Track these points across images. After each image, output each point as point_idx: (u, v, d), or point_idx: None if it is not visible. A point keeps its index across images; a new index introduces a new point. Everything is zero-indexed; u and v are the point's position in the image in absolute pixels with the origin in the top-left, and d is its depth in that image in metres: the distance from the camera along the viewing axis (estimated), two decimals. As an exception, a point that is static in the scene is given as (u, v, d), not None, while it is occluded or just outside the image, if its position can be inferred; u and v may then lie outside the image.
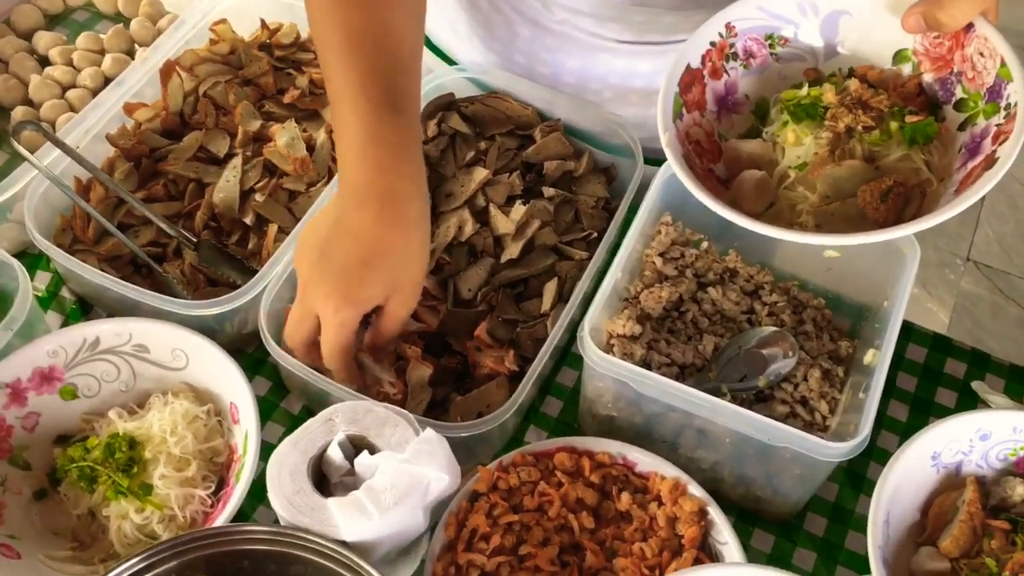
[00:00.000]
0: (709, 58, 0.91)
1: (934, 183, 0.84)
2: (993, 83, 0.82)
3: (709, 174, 0.90)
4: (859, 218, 0.84)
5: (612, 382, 0.92)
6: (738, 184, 0.90)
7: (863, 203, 0.83)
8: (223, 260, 1.05)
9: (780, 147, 0.90)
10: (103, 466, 0.91)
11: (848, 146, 0.87)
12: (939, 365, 1.08)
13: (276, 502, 0.81)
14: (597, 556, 0.87)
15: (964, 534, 0.82)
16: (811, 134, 0.87)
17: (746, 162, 0.90)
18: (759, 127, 0.94)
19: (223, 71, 1.19)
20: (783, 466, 0.91)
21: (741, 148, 0.91)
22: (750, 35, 0.92)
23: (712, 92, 0.93)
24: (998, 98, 0.81)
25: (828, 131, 0.87)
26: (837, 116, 0.86)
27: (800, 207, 0.87)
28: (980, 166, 0.79)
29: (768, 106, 0.94)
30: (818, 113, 0.88)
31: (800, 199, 0.87)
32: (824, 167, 0.86)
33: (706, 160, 0.91)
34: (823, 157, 0.86)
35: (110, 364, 0.98)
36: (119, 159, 1.12)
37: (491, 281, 1.06)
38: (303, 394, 1.04)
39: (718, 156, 0.92)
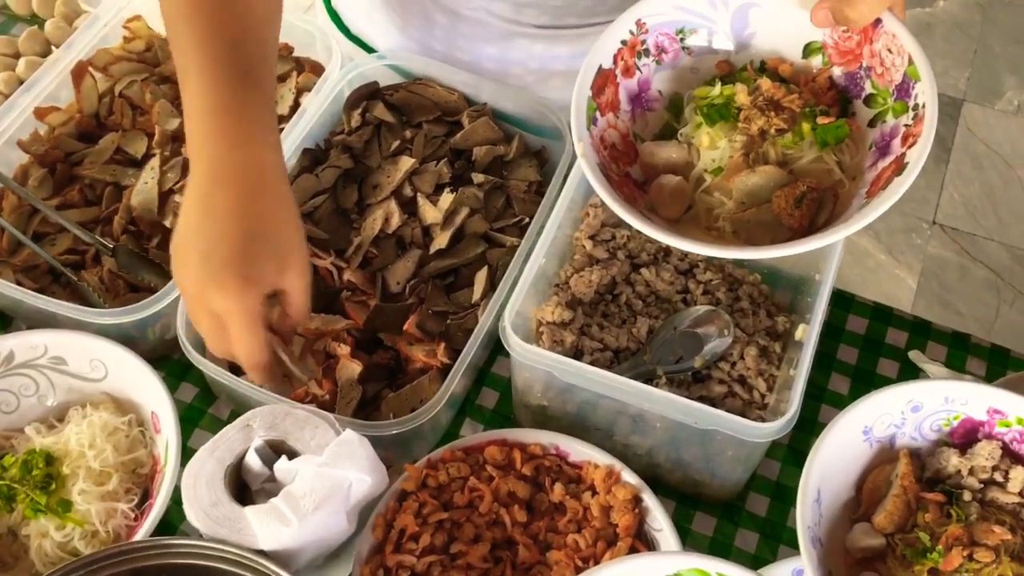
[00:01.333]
0: (621, 57, 0.89)
1: (846, 184, 0.84)
2: (901, 81, 0.81)
3: (626, 179, 0.88)
4: (775, 224, 0.83)
5: (541, 372, 0.90)
6: (655, 190, 0.88)
7: (778, 209, 0.83)
8: (142, 265, 1.02)
9: (695, 149, 0.88)
10: (20, 484, 0.88)
11: (762, 150, 0.86)
12: (880, 335, 1.06)
13: (192, 514, 0.79)
14: (530, 550, 0.85)
15: (898, 508, 0.80)
16: (725, 137, 0.86)
17: (662, 167, 0.89)
18: (674, 124, 0.92)
19: (139, 69, 1.15)
20: (718, 448, 0.89)
21: (657, 152, 0.90)
22: (661, 30, 0.90)
23: (625, 91, 0.91)
24: (906, 96, 0.81)
25: (742, 134, 0.86)
26: (750, 118, 0.85)
27: (717, 212, 0.86)
28: (890, 168, 0.78)
29: (682, 102, 0.93)
30: (731, 114, 0.86)
31: (717, 204, 0.87)
32: (739, 174, 0.85)
33: (622, 164, 0.89)
34: (738, 162, 0.85)
35: (27, 378, 0.95)
36: (33, 165, 1.09)
37: (420, 273, 1.03)
38: (231, 399, 1.01)
39: (634, 158, 0.90)
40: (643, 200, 0.86)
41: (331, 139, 1.12)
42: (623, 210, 0.79)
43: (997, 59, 2.91)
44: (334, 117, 1.14)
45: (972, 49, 2.94)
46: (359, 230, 1.06)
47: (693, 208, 0.86)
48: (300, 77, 1.17)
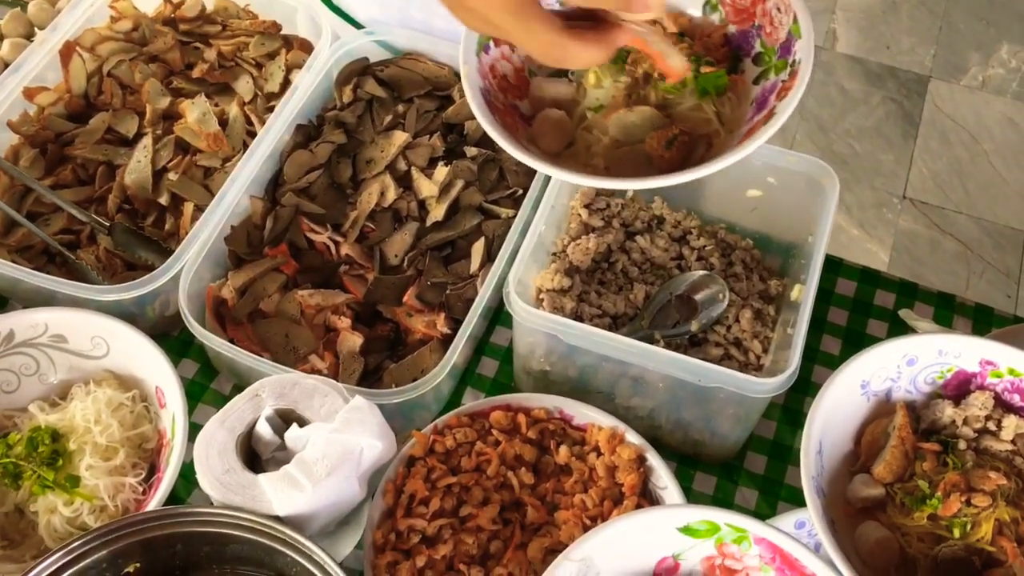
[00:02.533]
0: None
1: (722, 134, 0.85)
2: (785, 39, 0.83)
3: (512, 110, 0.89)
4: (646, 163, 0.84)
5: (543, 336, 0.91)
6: (538, 122, 0.89)
7: (649, 149, 0.84)
8: (138, 243, 1.02)
9: (583, 88, 0.89)
10: (27, 461, 0.88)
11: (643, 92, 0.86)
12: (869, 297, 1.08)
13: (205, 483, 0.80)
14: (538, 511, 0.87)
15: (896, 459, 0.82)
16: (611, 77, 0.87)
17: (549, 102, 0.89)
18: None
19: (127, 49, 1.15)
20: (718, 408, 0.91)
21: (545, 88, 0.90)
22: None
23: None
24: (787, 54, 0.82)
25: (628, 76, 0.86)
26: (637, 61, 0.86)
27: (594, 149, 0.87)
28: (761, 120, 0.80)
29: None
30: (621, 57, 0.87)
31: (595, 141, 0.87)
32: (617, 111, 0.86)
33: (511, 95, 0.89)
34: (618, 101, 0.86)
35: (28, 357, 0.95)
36: (23, 146, 1.08)
37: (417, 245, 1.04)
38: (232, 373, 1.01)
39: (525, 92, 0.91)
40: (525, 132, 0.87)
41: (324, 115, 1.12)
42: (498, 134, 0.79)
43: (961, 36, 2.96)
44: (326, 93, 1.14)
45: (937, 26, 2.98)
46: (355, 204, 1.06)
47: (574, 145, 0.87)
48: (289, 54, 1.17)
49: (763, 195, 1.02)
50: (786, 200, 1.01)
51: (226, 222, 1.01)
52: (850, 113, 2.78)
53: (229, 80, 1.15)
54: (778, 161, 0.99)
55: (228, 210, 1.01)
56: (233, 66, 1.16)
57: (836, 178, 0.96)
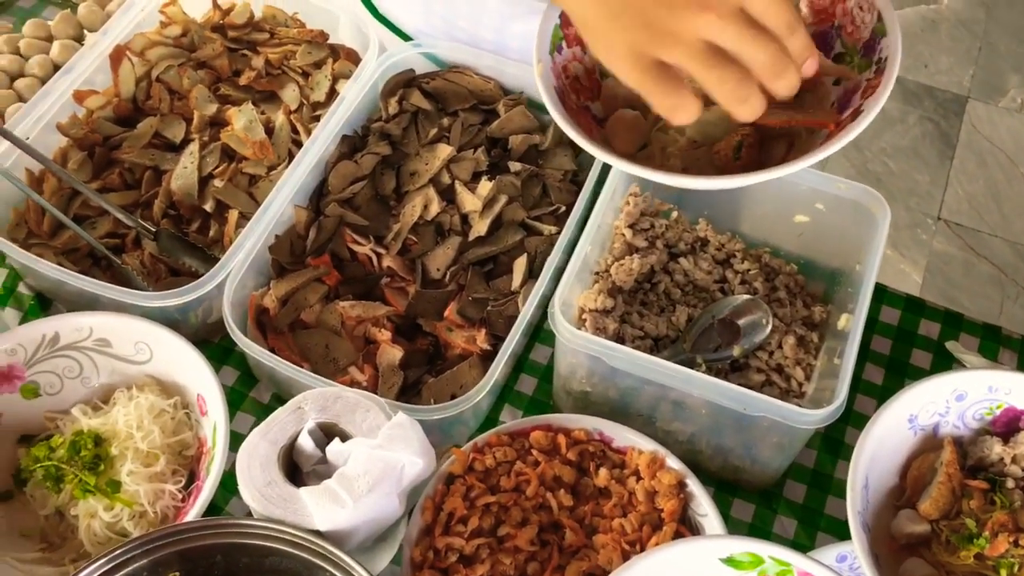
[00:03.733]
0: None
1: (803, 134, 0.83)
2: (869, 37, 0.82)
3: (584, 111, 0.88)
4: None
5: (585, 357, 0.91)
6: (612, 123, 0.88)
7: (721, 160, 0.83)
8: (183, 249, 1.02)
9: None
10: (69, 465, 0.89)
11: None
12: (913, 326, 1.07)
13: (247, 494, 0.80)
14: (577, 534, 0.86)
15: (943, 495, 0.81)
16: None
17: (622, 101, 0.88)
18: None
19: (175, 54, 1.15)
20: (761, 435, 0.90)
21: (619, 88, 0.87)
22: None
23: None
24: (872, 53, 0.81)
25: None
26: None
27: (670, 149, 0.86)
28: (848, 119, 0.78)
29: None
30: None
31: (671, 142, 0.86)
32: None
33: (583, 97, 0.89)
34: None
35: (71, 360, 0.96)
36: (72, 149, 1.09)
37: (460, 260, 1.04)
38: (272, 383, 1.02)
39: (596, 94, 0.90)
40: (599, 134, 0.86)
41: (369, 126, 1.12)
42: (573, 130, 0.79)
43: (1001, 57, 2.93)
44: (371, 104, 1.14)
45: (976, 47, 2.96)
46: (398, 217, 1.06)
47: (648, 147, 0.86)
48: (336, 64, 1.17)
49: (810, 221, 1.01)
50: (833, 227, 1.00)
51: (271, 231, 1.01)
52: (886, 132, 2.75)
53: (276, 88, 1.15)
54: (827, 188, 0.98)
55: (273, 219, 1.01)
56: (280, 74, 1.17)
57: (887, 207, 0.95)
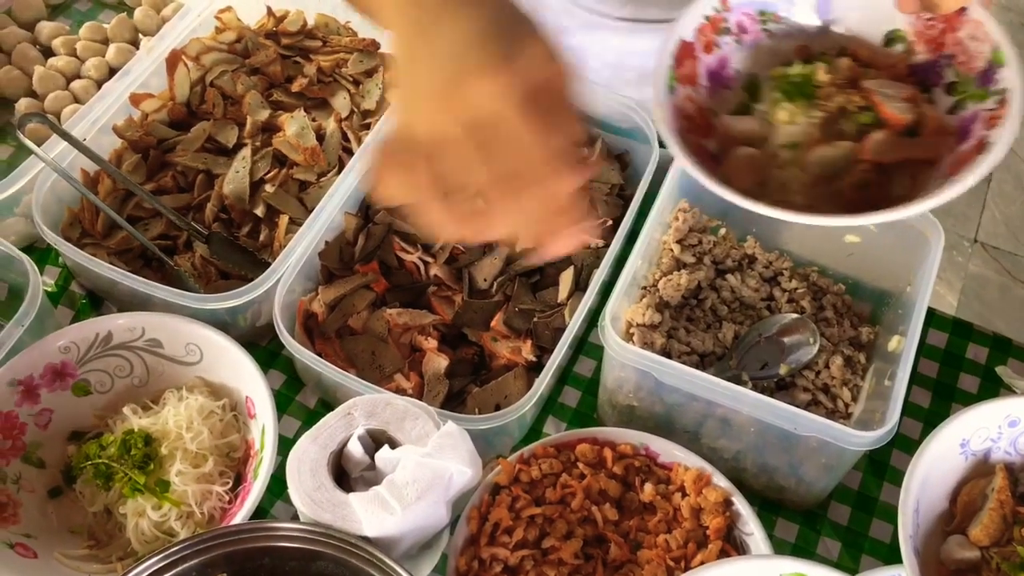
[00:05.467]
0: (703, 32, 0.90)
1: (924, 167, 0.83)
2: (985, 67, 0.81)
3: (701, 150, 0.88)
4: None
5: (633, 372, 0.91)
6: (730, 161, 0.88)
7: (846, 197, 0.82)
8: (235, 252, 1.03)
9: (771, 124, 0.88)
10: (119, 463, 0.89)
11: (840, 126, 0.84)
12: (960, 350, 1.06)
13: (297, 498, 0.80)
14: (621, 548, 0.86)
15: (994, 522, 0.80)
16: (804, 113, 0.86)
17: (739, 139, 0.88)
18: (749, 103, 0.92)
19: (230, 60, 1.17)
20: (807, 455, 0.89)
21: (734, 125, 0.89)
22: (743, 10, 0.91)
23: (704, 66, 0.91)
24: (989, 83, 0.81)
25: (821, 110, 0.85)
26: (830, 96, 0.84)
27: (791, 186, 0.86)
28: (972, 151, 0.78)
29: (759, 82, 0.93)
30: (811, 92, 0.86)
31: (791, 179, 0.86)
32: (816, 148, 0.84)
33: (698, 135, 0.89)
34: (815, 137, 0.85)
35: (123, 359, 0.97)
36: (126, 151, 1.10)
37: (507, 270, 1.04)
38: (318, 387, 1.02)
39: (709, 132, 0.91)
40: (717, 174, 0.86)
41: (419, 135, 1.13)
42: (703, 175, 0.79)
43: (1041, 79, 2.90)
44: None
45: (1017, 69, 2.93)
46: (446, 226, 1.07)
47: (766, 184, 0.86)
48: (387, 73, 1.18)
49: (861, 241, 1.01)
50: (883, 247, 1.00)
51: (321, 237, 1.02)
52: (924, 152, 2.73)
53: (327, 96, 1.16)
54: (881, 209, 0.97)
55: (324, 225, 1.02)
56: (331, 82, 1.18)
57: (941, 231, 0.94)
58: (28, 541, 0.88)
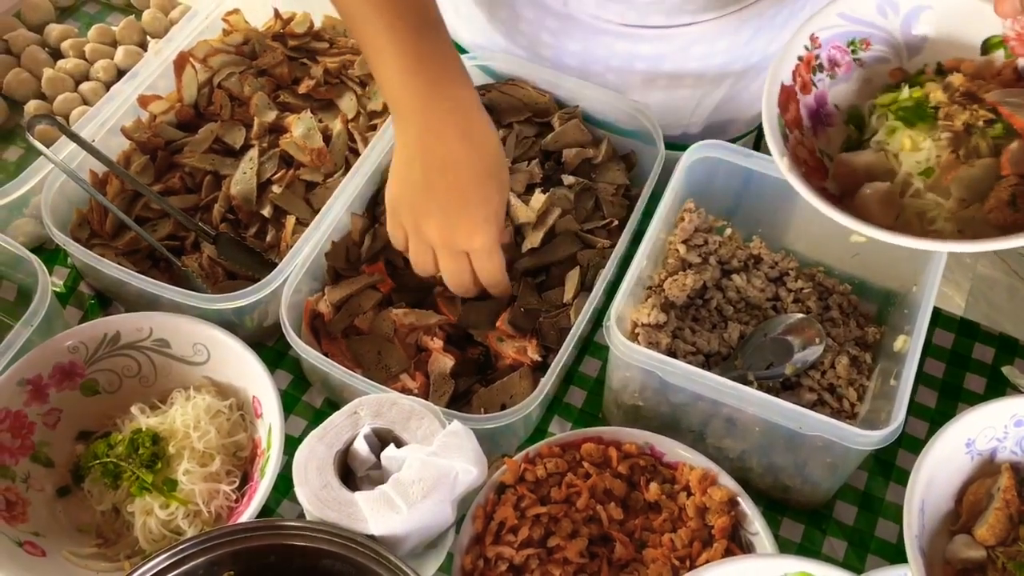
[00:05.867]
0: (798, 73, 0.88)
1: None
2: None
3: (823, 192, 0.85)
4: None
5: (638, 371, 0.91)
6: (861, 200, 0.84)
7: (995, 219, 0.79)
8: (242, 253, 1.04)
9: (893, 155, 0.85)
10: (127, 462, 0.90)
11: (972, 144, 0.82)
12: (967, 350, 1.06)
13: (303, 497, 0.81)
14: (627, 547, 0.86)
15: (1000, 521, 0.80)
16: (928, 137, 0.83)
17: (862, 175, 0.86)
18: (857, 137, 0.90)
19: (237, 62, 1.17)
20: (813, 454, 0.90)
21: (855, 161, 0.87)
22: (833, 44, 0.89)
23: (805, 107, 0.89)
24: None
25: (946, 131, 0.82)
26: (952, 114, 0.82)
27: (932, 214, 0.83)
28: None
29: (861, 114, 0.91)
30: (929, 114, 0.84)
31: (931, 207, 0.83)
32: (956, 170, 0.81)
33: (816, 179, 0.86)
34: (950, 160, 0.82)
35: (130, 359, 0.97)
36: (135, 152, 1.11)
37: (512, 270, 1.05)
38: (325, 387, 1.03)
39: (824, 173, 0.88)
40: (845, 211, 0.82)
41: (425, 136, 1.13)
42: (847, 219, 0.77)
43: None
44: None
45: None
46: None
47: (901, 215, 0.83)
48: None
49: (867, 241, 1.00)
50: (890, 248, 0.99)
51: (327, 238, 1.03)
52: (932, 154, 2.73)
53: (334, 97, 1.17)
54: (886, 208, 0.97)
55: (330, 226, 1.02)
56: (338, 83, 1.18)
57: (948, 230, 0.94)
58: (37, 539, 0.88)
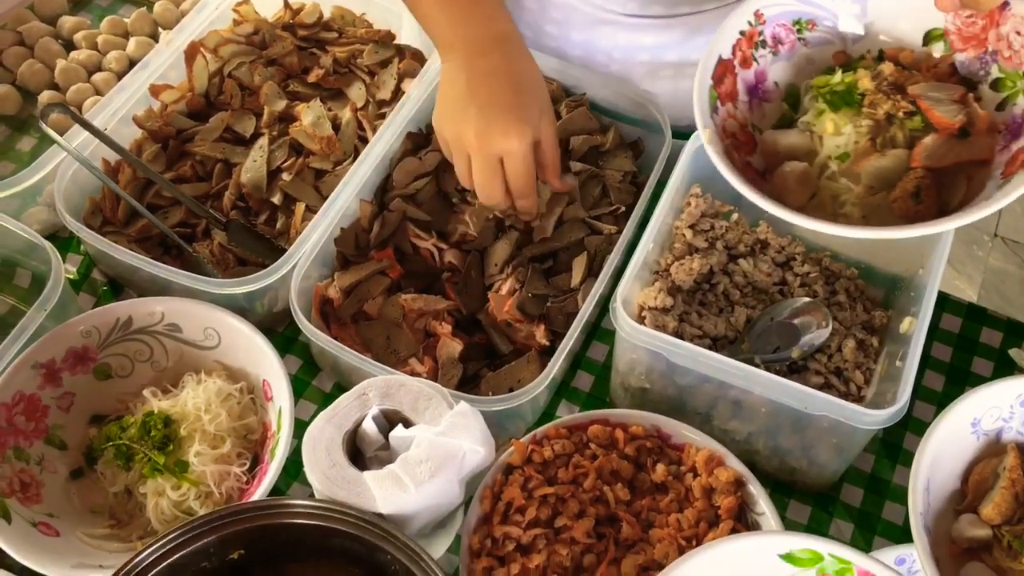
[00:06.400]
0: (739, 47, 0.90)
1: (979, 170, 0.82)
2: None
3: (747, 167, 0.88)
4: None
5: (645, 354, 0.91)
6: (780, 177, 0.87)
7: (898, 209, 0.81)
8: (252, 239, 1.05)
9: (818, 136, 0.88)
10: (139, 444, 0.91)
11: (889, 134, 0.85)
12: (974, 334, 1.06)
13: (312, 476, 0.81)
14: (633, 527, 0.87)
15: (1006, 501, 0.81)
16: (850, 122, 0.85)
17: (784, 154, 0.89)
18: (791, 115, 0.92)
19: (247, 52, 1.18)
20: (819, 436, 0.90)
21: (779, 140, 0.90)
22: (778, 21, 0.91)
23: (743, 82, 0.92)
24: None
25: (868, 119, 0.85)
26: (876, 103, 0.84)
27: (844, 198, 0.86)
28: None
29: (799, 93, 0.93)
30: (855, 100, 0.86)
31: (843, 190, 0.86)
32: (868, 158, 0.84)
33: (742, 152, 0.89)
34: (865, 147, 0.84)
35: (143, 344, 0.99)
36: (146, 141, 1.12)
37: (518, 255, 1.05)
38: (334, 372, 1.04)
39: (753, 147, 0.91)
40: (765, 189, 0.87)
41: (433, 124, 1.14)
42: (754, 194, 0.80)
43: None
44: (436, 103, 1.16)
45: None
46: (460, 213, 1.08)
47: (817, 196, 0.86)
48: (402, 64, 1.19)
49: (872, 225, 1.01)
50: (896, 231, 1.00)
51: (336, 224, 1.04)
52: (943, 147, 2.72)
53: (343, 86, 1.18)
54: (892, 191, 0.97)
55: (339, 212, 1.03)
56: (347, 73, 1.19)
57: (952, 211, 0.94)
58: (51, 520, 0.90)
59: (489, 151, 0.92)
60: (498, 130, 0.90)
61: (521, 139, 0.91)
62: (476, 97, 0.91)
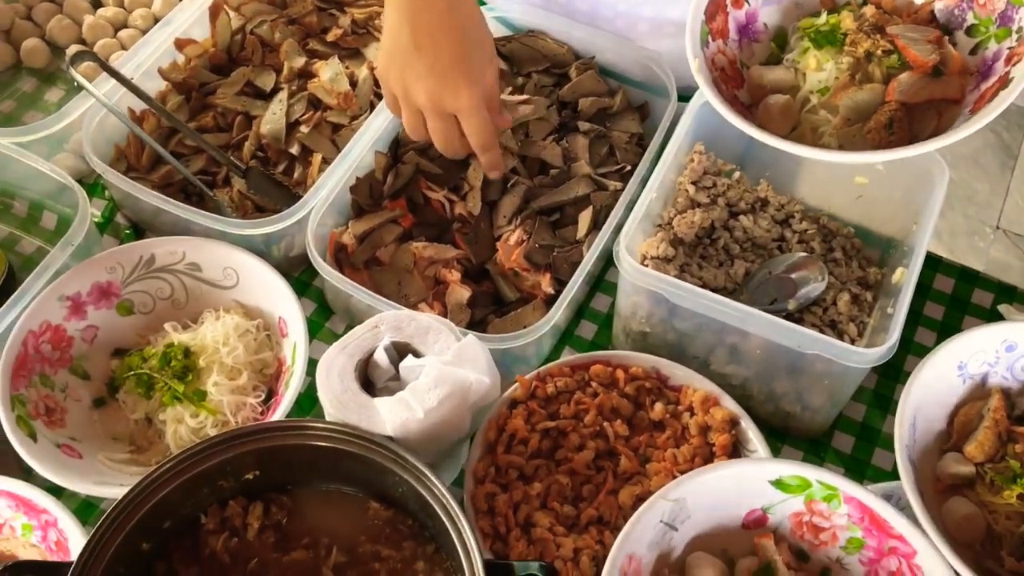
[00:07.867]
0: None
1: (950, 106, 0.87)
2: (1004, 8, 0.86)
3: (734, 100, 0.93)
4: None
5: (646, 298, 0.95)
6: (763, 108, 0.93)
7: (875, 137, 0.86)
8: (271, 186, 1.09)
9: (802, 73, 0.93)
10: (160, 374, 0.95)
11: (868, 70, 0.90)
12: (966, 295, 1.10)
13: (325, 400, 0.85)
14: (631, 461, 0.91)
15: (989, 439, 0.84)
16: (832, 59, 0.91)
17: (769, 88, 0.94)
18: (779, 55, 0.98)
19: (269, 10, 1.22)
20: (812, 380, 0.93)
21: (765, 75, 0.95)
22: None
23: (734, 21, 0.97)
24: (1009, 23, 0.85)
25: (848, 56, 0.90)
26: (856, 41, 0.90)
27: (822, 130, 0.91)
28: (994, 87, 0.82)
29: (787, 35, 0.98)
30: (838, 39, 0.91)
31: (822, 122, 0.91)
32: (846, 91, 0.89)
33: (731, 86, 0.94)
34: (844, 81, 0.90)
35: (164, 282, 1.03)
36: (170, 92, 1.16)
37: (526, 208, 1.09)
38: (347, 314, 1.08)
39: (740, 83, 0.96)
40: (751, 119, 0.91)
41: (447, 82, 1.18)
42: (737, 119, 0.84)
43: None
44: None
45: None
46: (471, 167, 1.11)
47: (798, 128, 0.91)
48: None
49: (870, 182, 1.04)
50: (891, 190, 1.03)
51: (352, 173, 1.07)
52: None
53: (360, 46, 1.22)
54: (888, 149, 1.01)
55: (354, 163, 1.07)
56: (364, 33, 1.23)
57: (946, 168, 0.98)
58: (74, 443, 0.93)
59: (442, 110, 0.94)
60: (448, 91, 0.93)
61: (471, 97, 0.93)
62: (422, 53, 0.91)
